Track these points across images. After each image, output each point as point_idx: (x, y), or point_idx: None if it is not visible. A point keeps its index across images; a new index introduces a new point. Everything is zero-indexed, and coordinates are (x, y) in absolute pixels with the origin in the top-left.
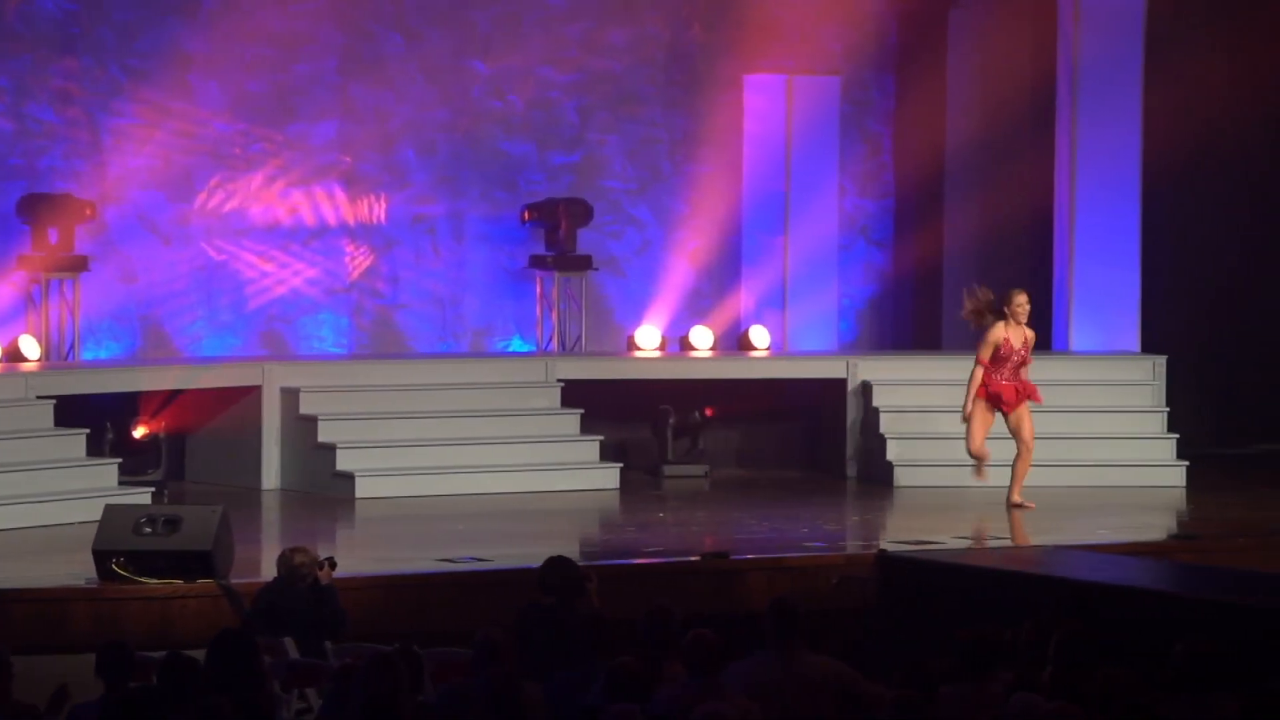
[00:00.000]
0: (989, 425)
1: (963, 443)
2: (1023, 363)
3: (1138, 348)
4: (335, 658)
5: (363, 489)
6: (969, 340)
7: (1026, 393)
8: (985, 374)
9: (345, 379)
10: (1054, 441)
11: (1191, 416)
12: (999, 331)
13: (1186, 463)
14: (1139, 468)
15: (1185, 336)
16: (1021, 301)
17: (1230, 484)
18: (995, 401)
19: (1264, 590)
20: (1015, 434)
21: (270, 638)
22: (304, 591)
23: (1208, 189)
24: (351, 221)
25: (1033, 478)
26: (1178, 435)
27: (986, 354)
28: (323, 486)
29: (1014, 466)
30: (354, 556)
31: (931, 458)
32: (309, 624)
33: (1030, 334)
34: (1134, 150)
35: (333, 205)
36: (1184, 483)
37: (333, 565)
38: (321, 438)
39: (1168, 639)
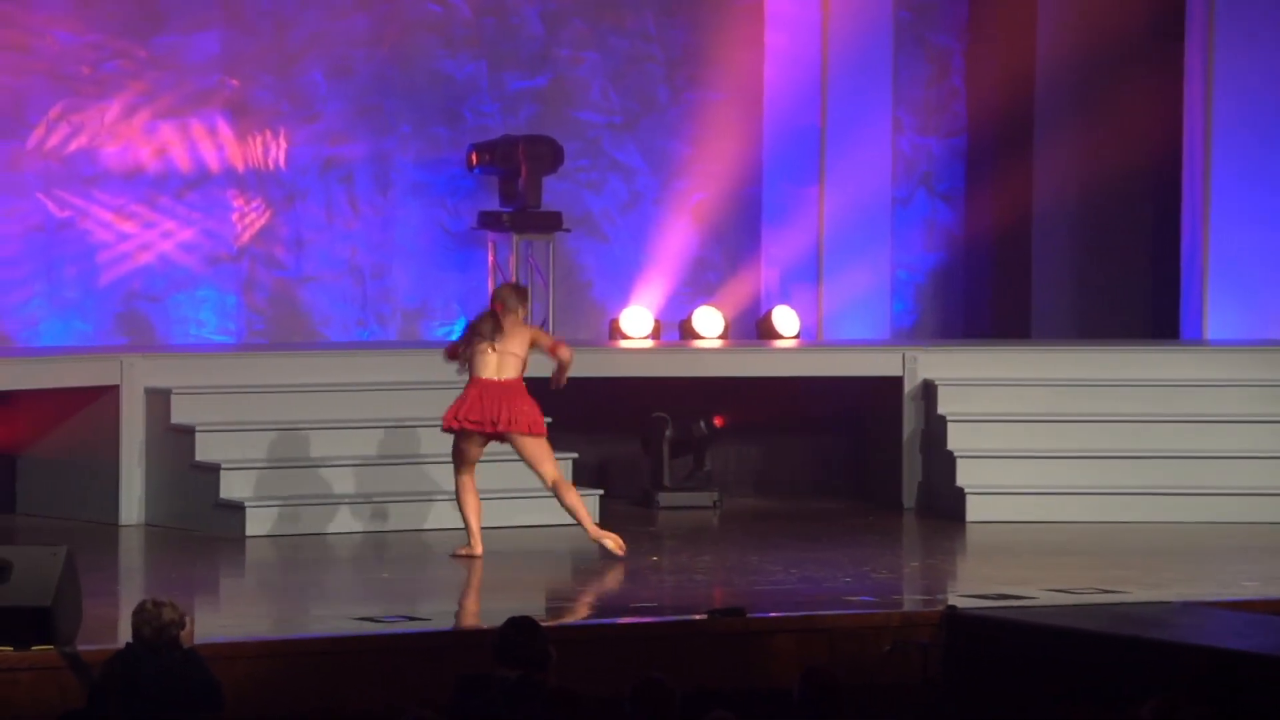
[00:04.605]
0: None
1: (1059, 461)
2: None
3: None
4: None
5: (255, 524)
6: (1066, 324)
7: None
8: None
9: (232, 377)
10: (1180, 462)
11: None
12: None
13: None
14: None
15: None
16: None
17: None
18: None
19: None
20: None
21: None
22: (173, 658)
23: None
24: (240, 166)
25: (1152, 509)
26: None
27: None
28: (202, 521)
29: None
30: (242, 614)
31: (1017, 483)
32: (180, 701)
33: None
34: None
35: (215, 144)
36: None
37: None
38: (200, 455)
39: None
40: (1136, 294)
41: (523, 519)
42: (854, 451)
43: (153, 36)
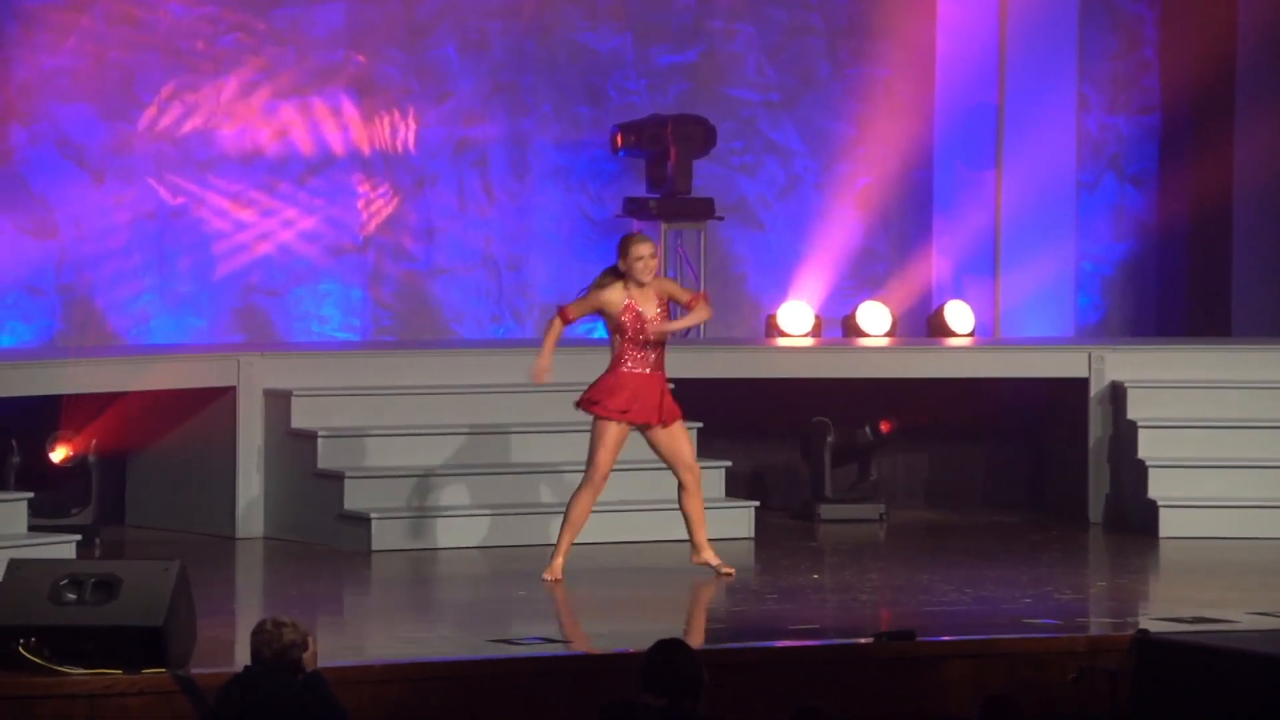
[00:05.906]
0: (621, 442)
1: (1262, 471)
2: (660, 338)
3: None
4: None
5: (381, 537)
6: (1269, 321)
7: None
8: (616, 365)
9: (357, 378)
10: None
11: None
12: (614, 294)
13: None
14: None
15: None
16: (642, 254)
17: None
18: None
19: None
20: (671, 458)
21: None
22: (295, 683)
23: None
24: (366, 149)
25: None
26: None
27: (578, 311)
28: (324, 534)
29: (683, 508)
30: (368, 635)
31: (1215, 495)
32: None
33: (670, 287)
34: None
35: (339, 125)
36: None
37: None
38: (322, 463)
39: None
40: None
41: (674, 533)
42: (1034, 460)
43: (272, 9)
